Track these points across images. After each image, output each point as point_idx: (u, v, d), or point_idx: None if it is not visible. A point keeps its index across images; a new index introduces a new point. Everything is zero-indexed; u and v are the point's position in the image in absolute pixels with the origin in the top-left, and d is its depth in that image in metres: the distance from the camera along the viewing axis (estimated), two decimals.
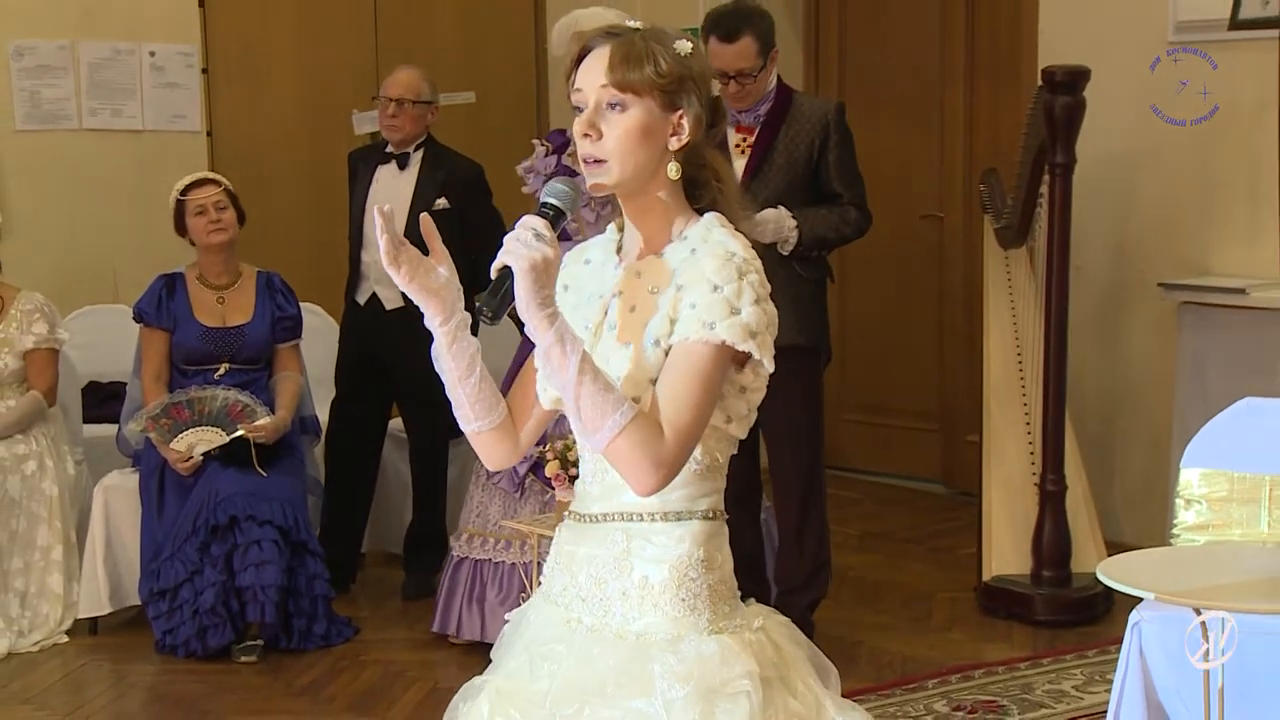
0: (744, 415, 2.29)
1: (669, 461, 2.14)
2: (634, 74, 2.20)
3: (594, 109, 2.22)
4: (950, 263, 6.91)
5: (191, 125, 6.84)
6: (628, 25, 2.27)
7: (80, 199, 6.56)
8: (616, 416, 2.11)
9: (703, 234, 2.25)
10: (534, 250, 2.10)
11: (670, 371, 2.17)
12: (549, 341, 2.10)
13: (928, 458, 7.06)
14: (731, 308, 2.17)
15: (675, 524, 2.25)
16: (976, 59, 6.72)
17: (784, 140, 4.69)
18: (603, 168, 2.23)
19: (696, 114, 2.25)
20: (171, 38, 6.77)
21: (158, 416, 5.09)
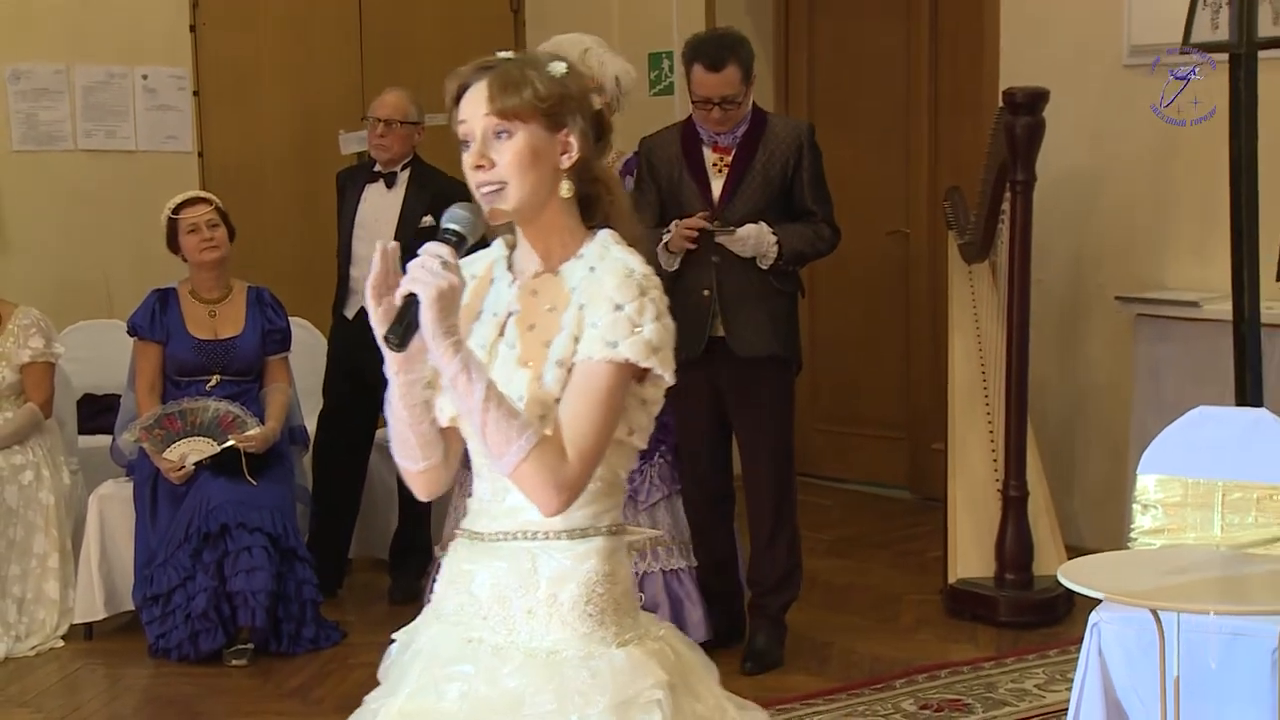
0: (645, 426, 2.25)
1: (573, 483, 2.12)
2: (513, 100, 2.18)
3: (482, 140, 2.20)
4: (916, 277, 6.93)
5: (183, 146, 6.84)
6: (500, 56, 2.26)
7: (75, 217, 6.55)
8: (521, 441, 2.09)
9: (599, 251, 2.23)
10: (440, 278, 2.07)
11: (573, 392, 2.14)
12: (455, 369, 2.08)
13: (895, 465, 7.08)
14: (634, 325, 2.14)
15: (580, 541, 2.21)
16: (940, 81, 6.76)
17: (760, 160, 4.71)
18: (500, 194, 2.19)
19: (582, 130, 2.23)
20: (164, 61, 6.77)
21: (151, 427, 5.08)
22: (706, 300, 4.69)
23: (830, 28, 7.19)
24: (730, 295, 4.68)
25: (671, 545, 4.83)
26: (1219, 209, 4.67)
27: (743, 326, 4.69)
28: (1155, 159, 5.71)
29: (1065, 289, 6.04)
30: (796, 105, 7.30)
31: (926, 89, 6.79)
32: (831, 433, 7.30)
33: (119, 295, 6.40)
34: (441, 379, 2.13)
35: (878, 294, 7.08)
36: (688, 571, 4.86)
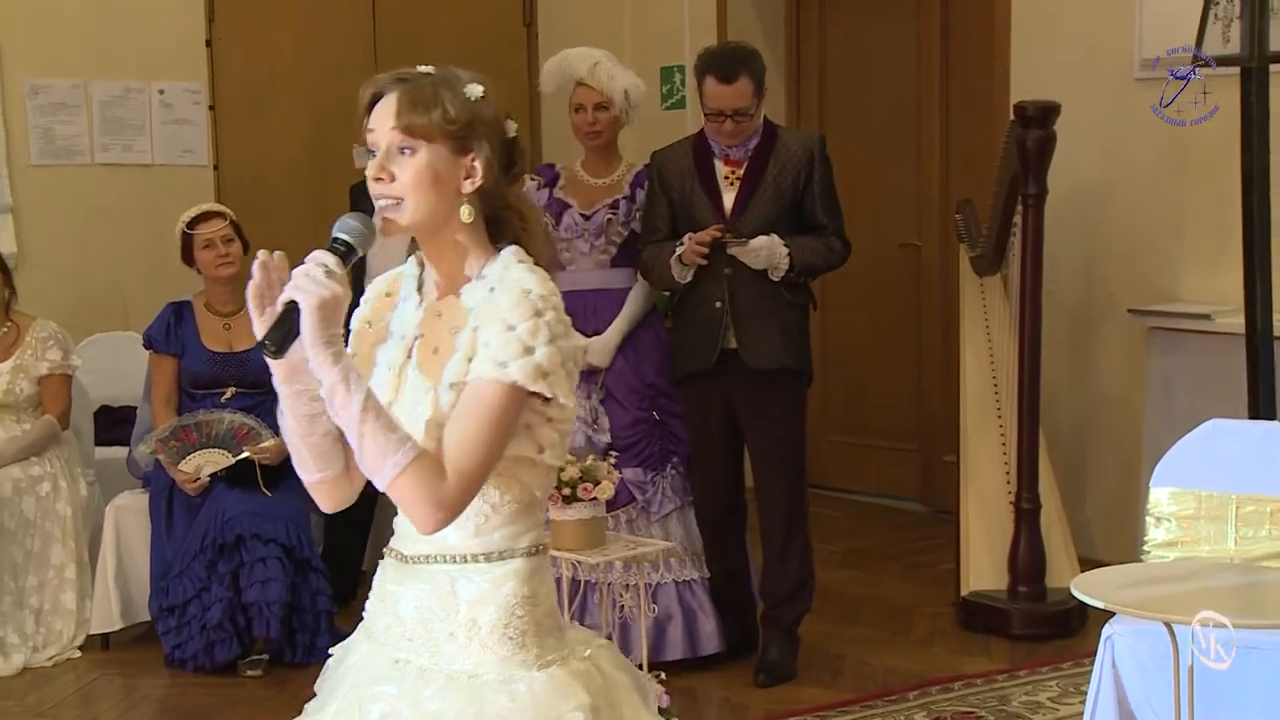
0: (556, 443, 2.19)
1: (450, 502, 2.07)
2: (421, 119, 2.15)
3: (385, 153, 2.16)
4: (928, 289, 6.92)
5: (199, 159, 6.86)
6: (419, 70, 2.22)
7: (92, 231, 6.58)
8: (398, 456, 2.04)
9: (500, 272, 2.18)
10: (323, 287, 2.04)
11: (460, 411, 2.10)
12: (333, 379, 2.04)
13: (907, 477, 7.06)
14: (525, 347, 2.08)
15: (498, 563, 2.18)
16: (951, 94, 6.75)
17: (771, 172, 4.71)
18: (396, 209, 2.16)
19: (488, 157, 2.18)
20: (180, 76, 6.80)
21: (167, 439, 5.09)
22: (719, 312, 4.69)
23: (841, 39, 7.19)
24: (742, 307, 4.68)
25: (684, 556, 4.83)
26: (1231, 221, 4.67)
27: (755, 339, 4.68)
28: (1167, 171, 5.70)
29: (1077, 301, 6.03)
30: (808, 117, 7.30)
31: (937, 99, 6.79)
32: (843, 444, 7.28)
33: (135, 308, 6.42)
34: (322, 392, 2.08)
35: (889, 306, 7.06)
36: (700, 583, 4.85)
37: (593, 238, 4.96)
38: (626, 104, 4.95)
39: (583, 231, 4.98)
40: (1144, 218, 5.82)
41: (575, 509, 4.17)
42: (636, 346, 4.97)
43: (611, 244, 4.97)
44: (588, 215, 4.97)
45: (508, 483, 2.17)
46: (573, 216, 4.99)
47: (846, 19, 7.18)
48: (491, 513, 2.18)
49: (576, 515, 4.17)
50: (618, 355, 4.93)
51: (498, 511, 2.17)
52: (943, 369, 6.61)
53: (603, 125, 4.96)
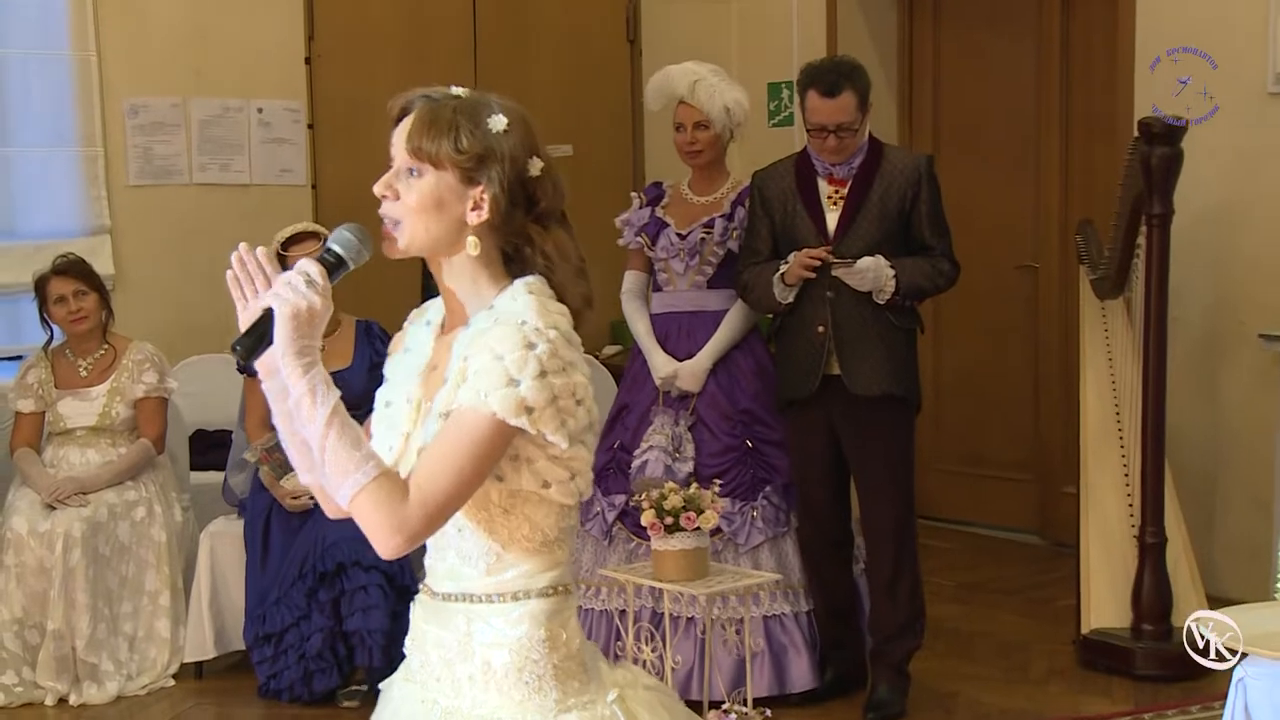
0: (565, 480, 2.14)
1: (411, 528, 2.04)
2: (430, 145, 2.15)
3: (394, 171, 2.18)
4: (1046, 313, 6.84)
5: (297, 179, 6.95)
6: (449, 92, 2.21)
7: (189, 252, 6.66)
8: (358, 475, 2.02)
9: (506, 303, 2.16)
10: (300, 296, 2.04)
11: (438, 437, 2.07)
12: (300, 390, 2.03)
13: (1024, 509, 6.97)
14: (509, 378, 2.04)
15: (513, 604, 2.16)
16: (1072, 109, 6.67)
17: (877, 192, 4.68)
18: (398, 228, 2.17)
19: (495, 194, 2.16)
20: (279, 94, 6.89)
21: (273, 449, 5.11)
22: (821, 337, 4.66)
23: (956, 53, 7.14)
24: (846, 332, 4.65)
25: (774, 590, 4.78)
26: None
27: (859, 364, 4.65)
28: None
29: (1204, 326, 5.92)
30: (920, 134, 7.25)
31: (1057, 115, 6.71)
32: (956, 474, 7.21)
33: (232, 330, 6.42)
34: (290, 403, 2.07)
35: (1006, 330, 6.99)
36: (792, 617, 4.81)
37: (688, 257, 4.96)
38: (728, 121, 4.94)
39: (678, 251, 4.98)
40: (1275, 238, 5.70)
41: (678, 539, 4.15)
42: (731, 371, 4.94)
43: (708, 264, 4.96)
44: (683, 234, 4.98)
45: (516, 521, 2.15)
46: (669, 236, 4.99)
47: (962, 33, 7.13)
48: (502, 551, 2.16)
49: (679, 545, 4.16)
50: (710, 380, 4.92)
51: (508, 550, 2.16)
52: (1062, 396, 6.53)
53: (702, 144, 4.96)
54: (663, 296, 5.07)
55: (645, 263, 5.11)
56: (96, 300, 5.41)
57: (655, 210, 5.07)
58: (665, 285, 5.05)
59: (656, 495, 4.21)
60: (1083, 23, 6.60)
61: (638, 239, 5.08)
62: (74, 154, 6.49)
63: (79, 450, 5.35)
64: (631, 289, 5.13)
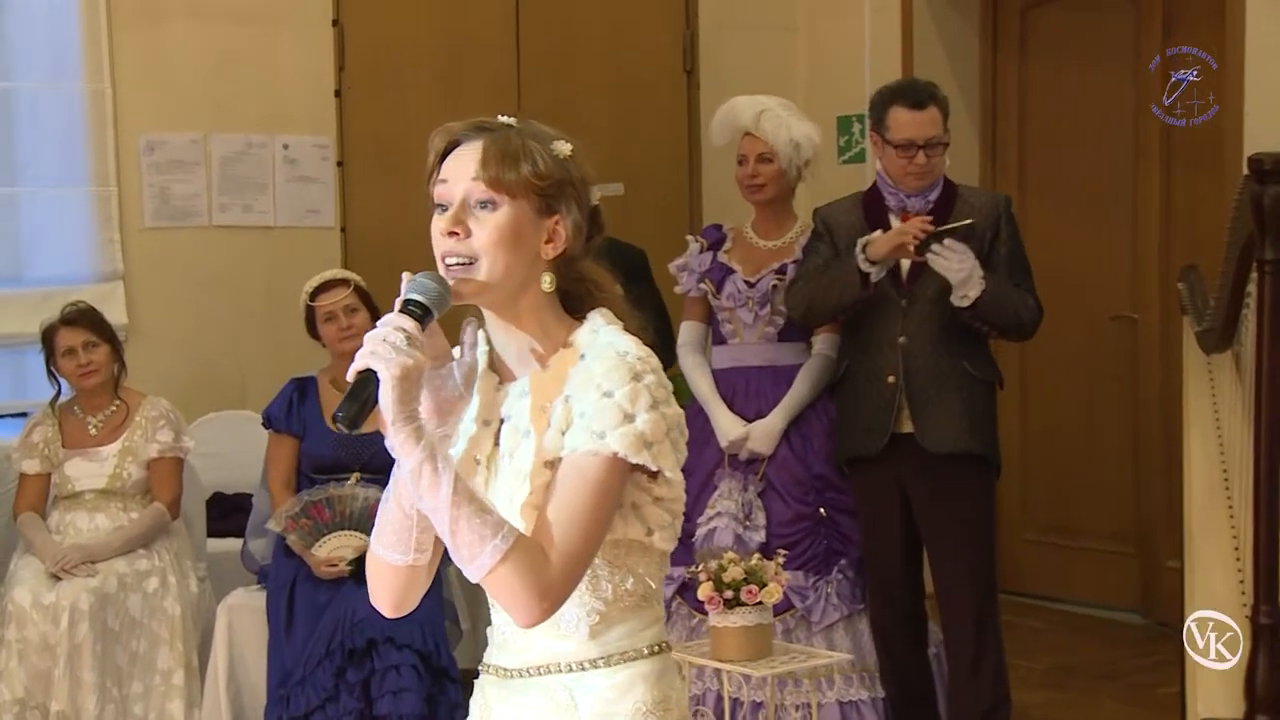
0: (667, 524, 2.19)
1: (555, 591, 2.06)
2: (510, 173, 2.16)
3: (461, 205, 2.18)
4: (1145, 368, 6.80)
5: (325, 220, 6.99)
6: (501, 120, 2.23)
7: (208, 299, 6.71)
8: (497, 541, 2.03)
9: (589, 337, 2.19)
10: (405, 355, 2.03)
11: (558, 488, 2.09)
12: (417, 459, 2.03)
13: (1122, 584, 6.91)
14: (624, 414, 2.08)
15: (621, 667, 2.17)
16: (1173, 145, 6.64)
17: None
18: (468, 270, 2.16)
19: (576, 222, 2.19)
20: (306, 130, 6.94)
21: (297, 516, 5.14)
22: (891, 388, 4.64)
23: (1044, 86, 7.13)
24: (920, 382, 4.64)
25: (851, 674, 4.74)
26: None
27: (934, 419, 4.63)
28: None
29: None
30: (1005, 173, 7.24)
31: (1157, 152, 6.69)
32: (1046, 545, 7.16)
33: (254, 385, 6.54)
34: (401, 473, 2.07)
35: (1101, 387, 6.95)
36: (869, 704, 4.77)
37: (757, 306, 4.96)
38: (796, 156, 4.96)
39: (746, 300, 4.98)
40: None
41: (739, 614, 4.13)
42: (804, 432, 4.93)
43: (779, 314, 4.96)
44: (752, 282, 4.98)
45: (621, 574, 2.17)
46: (736, 283, 4.99)
47: (1050, 64, 7.12)
48: (605, 609, 2.17)
49: (740, 622, 4.13)
50: (780, 442, 4.90)
51: (611, 607, 2.17)
52: (1163, 459, 6.48)
53: (765, 179, 4.97)
54: (727, 350, 5.06)
55: (705, 312, 5.11)
56: (108, 352, 5.45)
57: (717, 255, 5.08)
58: (730, 338, 5.04)
59: (715, 566, 4.19)
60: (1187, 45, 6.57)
61: (701, 286, 5.08)
62: (85, 194, 6.55)
63: (87, 515, 5.38)
64: (690, 341, 5.12)
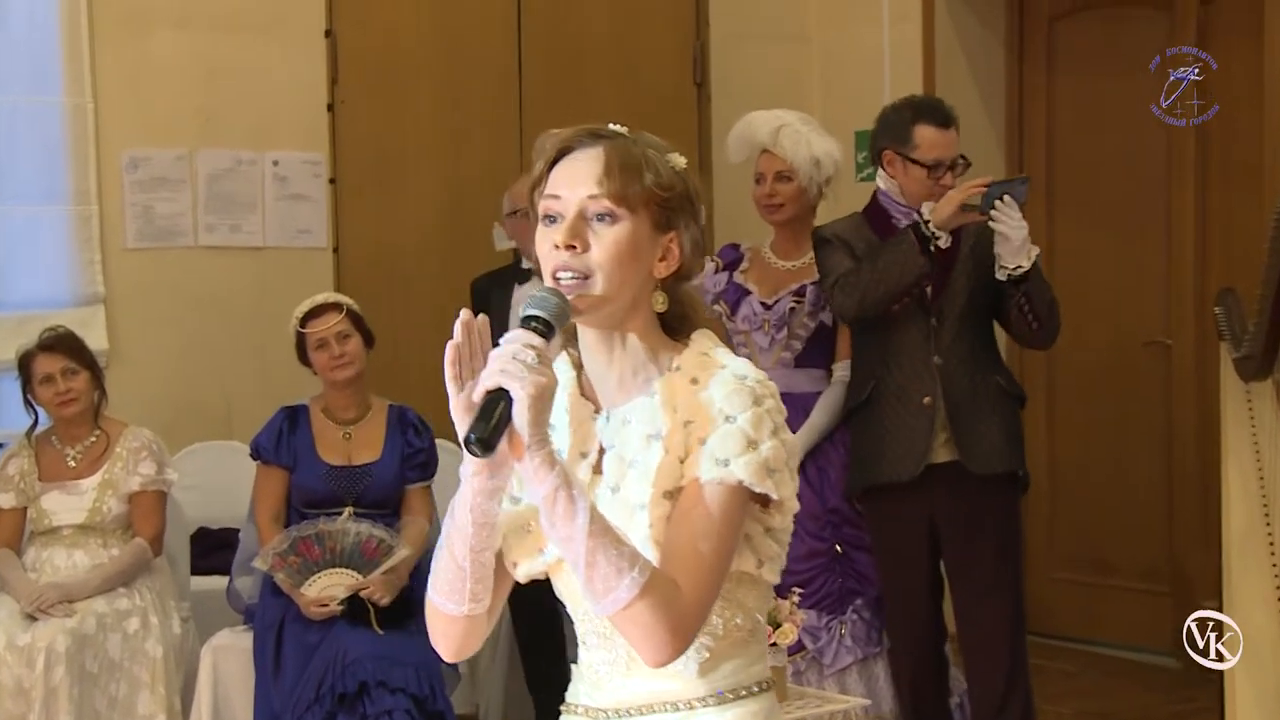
0: (776, 556, 2.21)
1: (688, 626, 2.07)
2: (633, 185, 2.16)
3: (577, 217, 2.16)
4: (1180, 397, 6.78)
5: (317, 241, 6.98)
6: (611, 129, 2.23)
7: (193, 324, 6.70)
8: (634, 574, 2.02)
9: (698, 359, 2.20)
10: (539, 374, 2.01)
11: (682, 520, 2.10)
12: (551, 486, 2.01)
13: (1156, 625, 6.87)
14: (749, 441, 2.10)
15: (735, 705, 2.19)
16: (1209, 162, 6.63)
17: (967, 245, 4.72)
18: (584, 285, 2.15)
19: (694, 239, 2.21)
20: (297, 145, 6.93)
21: (285, 553, 5.12)
22: (928, 409, 4.63)
23: (1073, 100, 7.12)
24: (958, 403, 4.64)
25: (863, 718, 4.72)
26: None
27: (977, 440, 4.64)
28: None
29: None
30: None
31: (1192, 169, 6.67)
32: (1076, 584, 7.14)
33: (241, 414, 6.52)
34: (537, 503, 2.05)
35: (1133, 416, 6.93)
36: None
37: (774, 330, 4.95)
38: (816, 174, 4.95)
39: (762, 322, 4.97)
40: None
41: None
42: (820, 464, 4.92)
43: (796, 338, 4.95)
44: (769, 304, 4.97)
45: (731, 608, 2.17)
46: (751, 305, 4.98)
47: (1079, 76, 7.11)
48: (715, 645, 2.17)
49: None
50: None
51: (720, 643, 2.17)
52: (1200, 493, 6.46)
53: (783, 198, 4.97)
54: None
55: (719, 336, 5.11)
56: (88, 380, 5.44)
57: (733, 275, 5.07)
58: None
59: None
60: (1222, 61, 6.56)
61: (716, 308, 5.07)
62: (65, 213, 6.54)
63: (65, 552, 5.37)
64: None
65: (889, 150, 4.75)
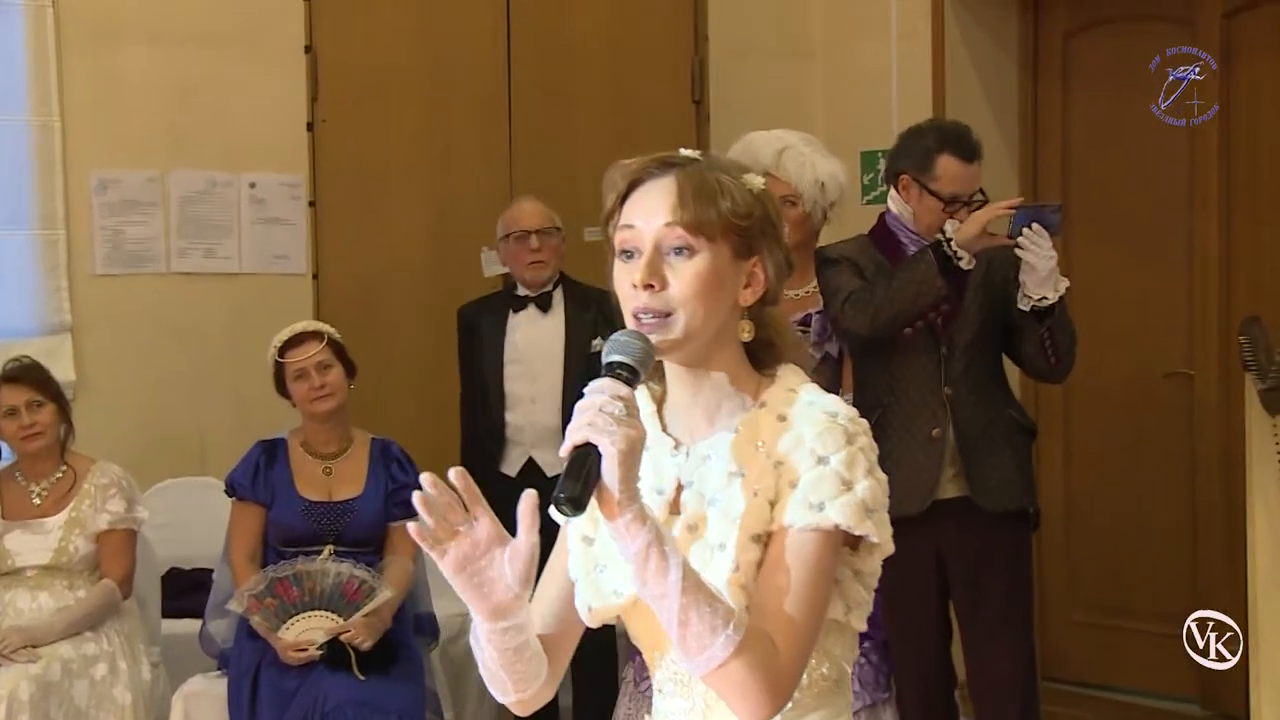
0: (863, 601, 2.24)
1: (785, 683, 2.08)
2: (708, 213, 2.16)
3: (654, 253, 2.17)
4: (1203, 431, 6.77)
5: (296, 267, 6.97)
6: (686, 154, 2.24)
7: (165, 354, 6.69)
8: (729, 631, 2.03)
9: (784, 395, 2.21)
10: (629, 427, 2.02)
11: (775, 570, 2.11)
12: (643, 543, 2.02)
13: (1179, 671, 6.83)
14: (843, 482, 2.12)
15: None
16: (1234, 182, 6.63)
17: (979, 272, 4.70)
18: (666, 324, 2.16)
19: (778, 263, 2.23)
20: (275, 166, 6.93)
21: (262, 594, 5.12)
22: (936, 443, 4.63)
23: (1089, 118, 7.13)
24: (970, 436, 4.64)
25: None
26: None
27: (989, 474, 4.65)
28: None
29: None
30: None
31: (1216, 190, 6.67)
32: (1094, 627, 7.12)
33: (215, 448, 6.51)
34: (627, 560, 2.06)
35: (1153, 451, 6.92)
36: None
37: None
38: (821, 198, 4.96)
39: None
40: None
41: None
42: None
43: None
44: None
45: (818, 656, 2.18)
46: None
47: (1096, 94, 7.12)
48: (800, 696, 2.17)
49: None
50: None
51: (805, 694, 2.17)
52: (1224, 532, 6.45)
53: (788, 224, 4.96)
54: None
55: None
56: (54, 412, 5.44)
57: None
58: None
59: None
60: (1248, 78, 6.57)
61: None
62: (30, 237, 6.54)
63: (29, 594, 5.35)
64: None
65: (907, 175, 4.75)
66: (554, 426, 5.68)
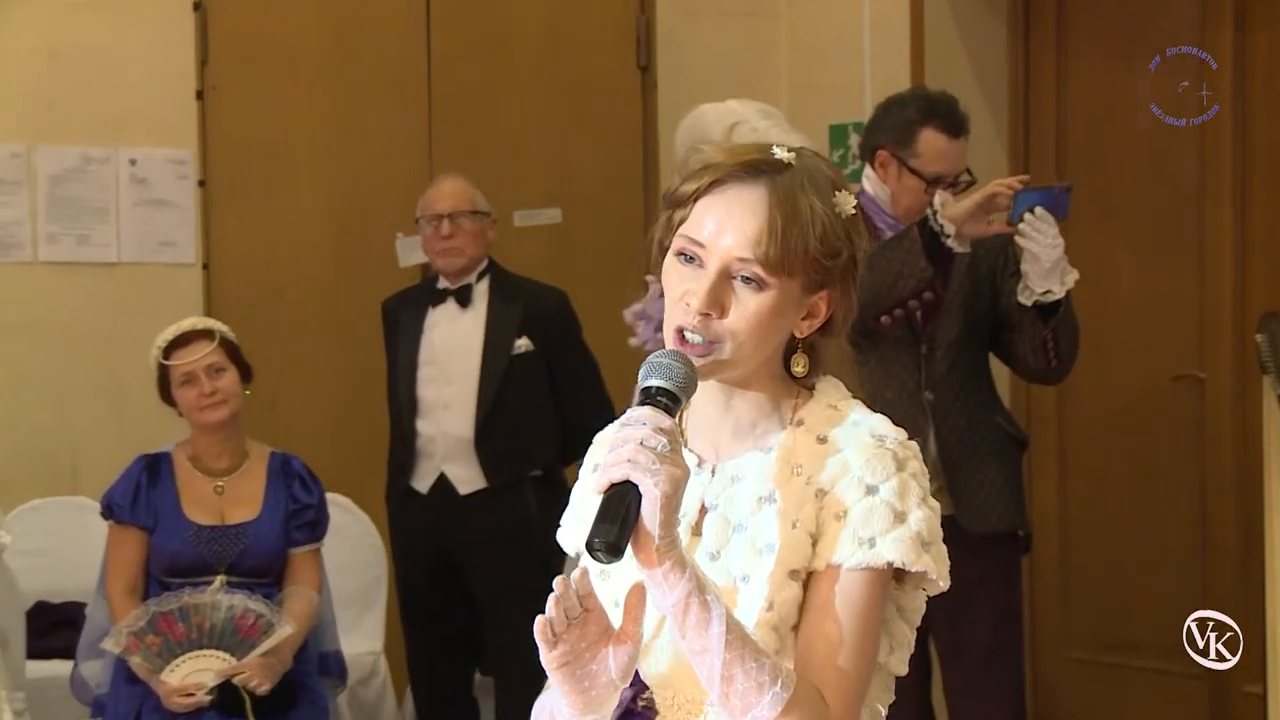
0: (906, 642, 2.28)
1: None
2: (794, 250, 2.17)
3: (720, 277, 2.20)
4: (1215, 438, 6.80)
5: (183, 256, 6.95)
6: (781, 156, 2.23)
7: (30, 354, 6.67)
8: (777, 689, 2.06)
9: (826, 413, 2.24)
10: (673, 465, 2.04)
11: (823, 615, 2.14)
12: (684, 593, 2.05)
13: (1191, 713, 6.90)
14: (895, 514, 2.15)
15: None
16: (1250, 170, 6.67)
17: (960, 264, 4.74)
18: (714, 348, 2.20)
19: (848, 306, 2.26)
20: (159, 140, 6.92)
21: (143, 631, 5.09)
22: None
23: (1088, 97, 7.15)
24: (955, 450, 4.67)
25: None
26: None
27: (974, 491, 4.68)
28: None
29: None
30: None
31: (1229, 179, 6.71)
32: (1094, 664, 7.15)
33: (89, 464, 6.48)
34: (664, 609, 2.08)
35: (1159, 462, 6.95)
36: None
37: None
38: None
39: None
40: None
41: None
42: None
43: None
44: None
45: None
46: None
47: (1095, 61, 7.15)
48: None
49: None
50: None
51: None
52: (1239, 554, 6.49)
53: None
54: None
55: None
56: None
57: None
58: None
59: None
60: (1265, 48, 6.61)
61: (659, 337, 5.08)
62: None
63: None
64: None
65: (885, 151, 4.77)
66: (468, 438, 5.65)
